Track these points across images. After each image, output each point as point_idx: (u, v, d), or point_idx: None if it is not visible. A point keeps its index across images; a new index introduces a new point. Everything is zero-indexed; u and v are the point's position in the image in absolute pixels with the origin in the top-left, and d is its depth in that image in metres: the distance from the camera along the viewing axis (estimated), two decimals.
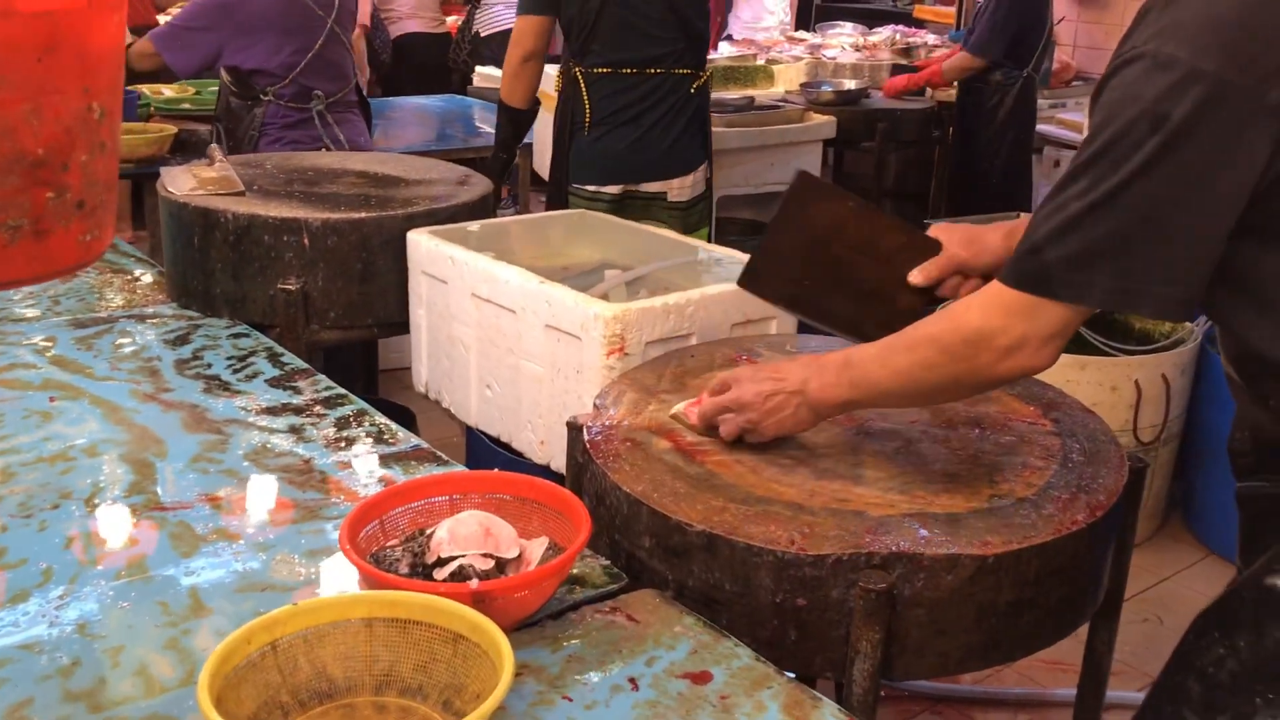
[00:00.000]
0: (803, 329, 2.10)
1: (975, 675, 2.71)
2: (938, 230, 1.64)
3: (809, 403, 1.48)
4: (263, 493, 1.63)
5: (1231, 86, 1.16)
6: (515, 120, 3.33)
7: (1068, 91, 5.94)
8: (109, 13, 0.89)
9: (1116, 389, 3.19)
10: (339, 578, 1.42)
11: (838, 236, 1.59)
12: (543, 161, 4.05)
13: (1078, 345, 3.31)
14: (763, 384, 1.51)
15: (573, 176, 3.20)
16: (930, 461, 1.54)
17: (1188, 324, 3.38)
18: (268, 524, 1.54)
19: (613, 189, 3.17)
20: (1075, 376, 3.15)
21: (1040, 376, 1.46)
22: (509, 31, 3.32)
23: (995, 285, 1.34)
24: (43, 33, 0.86)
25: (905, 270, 1.60)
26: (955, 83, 5.13)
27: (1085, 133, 1.28)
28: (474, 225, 2.36)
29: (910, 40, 6.55)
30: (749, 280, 1.64)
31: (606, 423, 1.62)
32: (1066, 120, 5.35)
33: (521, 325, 1.99)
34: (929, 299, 1.61)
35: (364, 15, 5.56)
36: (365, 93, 5.47)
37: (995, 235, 1.62)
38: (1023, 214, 4.00)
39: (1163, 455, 3.36)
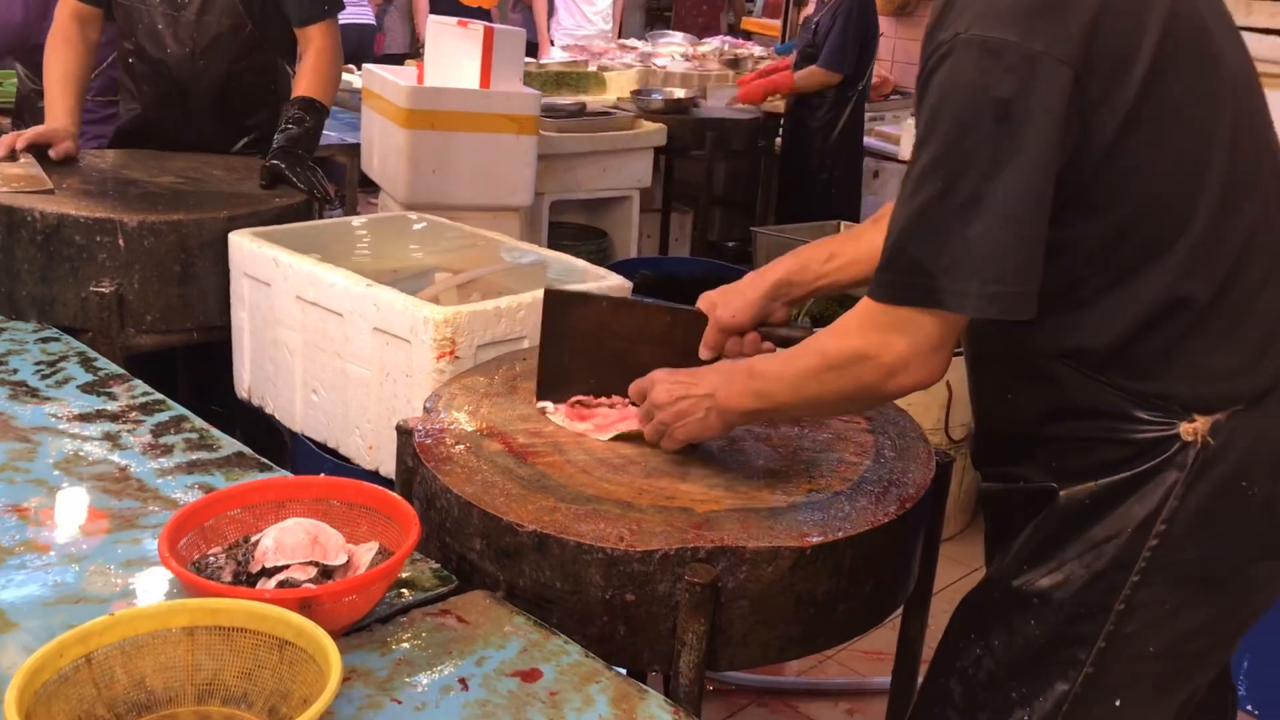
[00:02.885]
0: None
1: (799, 666, 2.80)
2: (699, 302, 1.64)
3: (718, 408, 1.44)
4: (75, 502, 1.56)
5: (1057, 62, 1.15)
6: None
7: (885, 105, 6.19)
8: None
9: (929, 390, 3.33)
10: (158, 589, 1.38)
11: (606, 333, 1.65)
12: (369, 161, 3.98)
13: None
14: (675, 387, 1.48)
15: None
16: (753, 458, 1.60)
17: None
18: (81, 535, 1.48)
19: None
20: None
21: None
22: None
23: (868, 301, 1.27)
24: None
25: (681, 344, 1.62)
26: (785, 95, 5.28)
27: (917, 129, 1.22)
28: (299, 226, 2.32)
29: (738, 52, 6.71)
30: (543, 393, 1.68)
31: (437, 426, 1.62)
32: (884, 133, 5.58)
33: (349, 328, 1.97)
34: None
35: None
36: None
37: (745, 291, 1.60)
38: (844, 223, 4.17)
39: None
